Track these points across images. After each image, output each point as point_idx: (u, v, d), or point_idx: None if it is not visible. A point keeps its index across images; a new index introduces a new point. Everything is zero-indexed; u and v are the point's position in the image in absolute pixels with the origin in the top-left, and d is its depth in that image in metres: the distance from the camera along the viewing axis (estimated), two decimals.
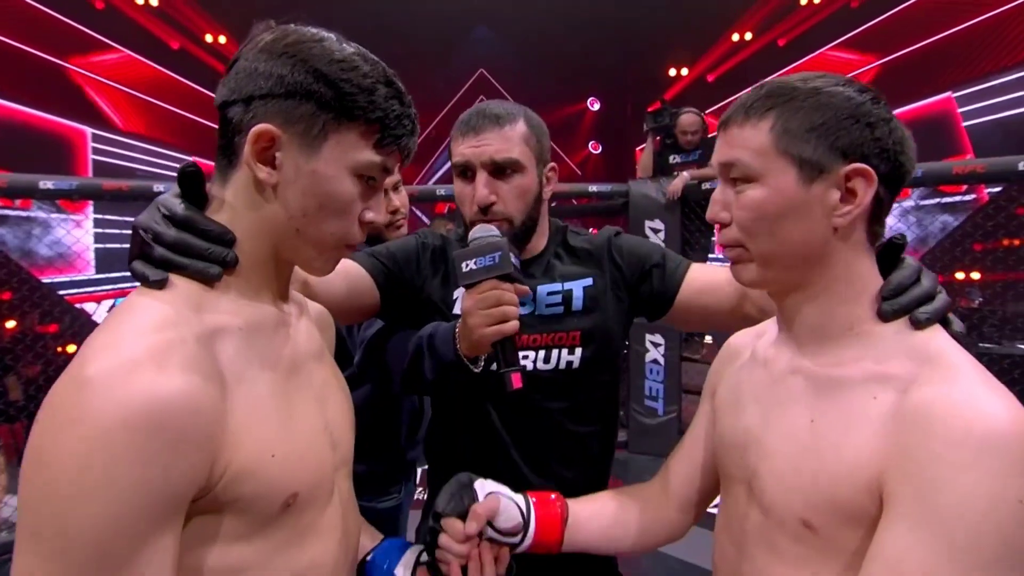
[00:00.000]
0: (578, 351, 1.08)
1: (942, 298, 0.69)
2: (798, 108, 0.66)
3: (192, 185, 0.68)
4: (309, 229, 0.67)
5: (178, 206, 0.66)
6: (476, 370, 0.99)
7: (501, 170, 1.05)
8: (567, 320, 1.09)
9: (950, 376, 0.60)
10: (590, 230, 1.23)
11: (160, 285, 0.62)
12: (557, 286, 1.10)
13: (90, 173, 6.45)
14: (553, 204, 3.44)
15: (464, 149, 1.05)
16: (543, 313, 1.09)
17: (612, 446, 1.19)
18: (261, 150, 0.64)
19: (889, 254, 0.72)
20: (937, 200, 4.95)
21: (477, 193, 1.04)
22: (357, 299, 1.07)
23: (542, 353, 1.07)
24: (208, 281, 0.64)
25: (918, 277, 0.69)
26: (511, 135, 1.05)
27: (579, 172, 10.37)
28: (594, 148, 10.35)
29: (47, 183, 2.84)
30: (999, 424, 0.54)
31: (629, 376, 3.97)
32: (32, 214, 5.33)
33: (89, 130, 6.36)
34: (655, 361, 3.93)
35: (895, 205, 0.77)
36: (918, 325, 0.66)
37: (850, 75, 0.71)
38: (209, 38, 7.35)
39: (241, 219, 0.67)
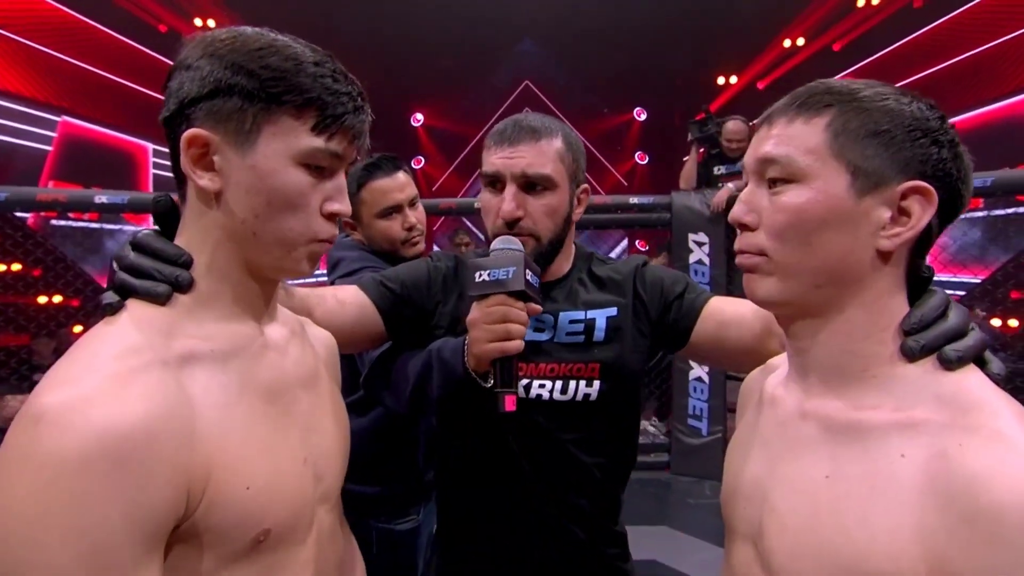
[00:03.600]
0: (596, 383, 1.03)
1: (976, 335, 0.59)
2: (861, 110, 0.59)
3: (168, 216, 0.67)
4: (265, 230, 0.63)
5: (141, 231, 0.65)
6: (486, 385, 0.95)
7: (532, 185, 1.01)
8: (588, 350, 1.03)
9: (996, 433, 0.51)
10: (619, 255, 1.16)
11: (113, 310, 0.61)
12: (580, 314, 1.05)
13: (151, 188, 6.78)
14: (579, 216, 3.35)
15: (495, 159, 1.01)
16: (563, 341, 1.04)
17: (627, 474, 1.13)
18: (197, 157, 0.61)
19: (915, 288, 0.63)
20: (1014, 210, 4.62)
21: (504, 206, 0.99)
22: (363, 328, 1.04)
23: (559, 383, 1.02)
24: (158, 302, 0.61)
25: (944, 311, 0.60)
26: (547, 150, 1.01)
27: (625, 183, 10.26)
28: (640, 159, 10.23)
29: (101, 198, 2.97)
30: None
31: (672, 395, 3.83)
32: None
33: (151, 145, 6.71)
34: (699, 379, 3.78)
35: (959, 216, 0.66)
36: (948, 365, 0.56)
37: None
38: None
39: (198, 234, 0.64)
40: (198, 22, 6.90)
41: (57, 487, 0.48)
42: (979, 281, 5.03)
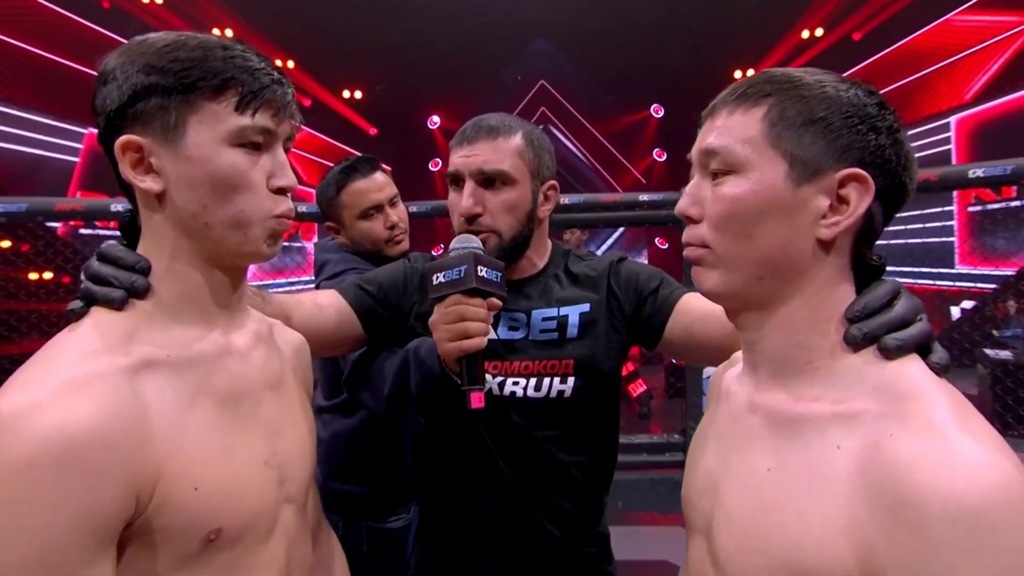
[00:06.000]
0: (571, 380, 1.03)
1: (921, 325, 0.58)
2: (799, 98, 0.58)
3: (134, 228, 0.69)
4: (217, 218, 0.64)
5: (108, 242, 0.68)
6: (460, 381, 0.95)
7: (490, 181, 1.02)
8: (561, 347, 1.04)
9: (926, 422, 0.50)
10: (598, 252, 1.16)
11: (76, 315, 0.63)
12: (553, 311, 1.05)
13: None
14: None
15: (455, 158, 1.04)
16: (537, 338, 1.04)
17: (609, 476, 1.12)
18: (135, 162, 0.63)
19: (868, 278, 0.62)
20: None
21: (462, 202, 1.01)
22: (342, 331, 1.06)
23: (533, 380, 1.02)
24: (114, 307, 0.63)
25: (890, 300, 0.59)
26: (504, 147, 1.03)
27: (643, 180, 10.18)
28: (658, 156, 10.14)
29: (117, 206, 3.05)
30: (992, 491, 0.46)
31: (687, 393, 3.78)
32: None
33: None
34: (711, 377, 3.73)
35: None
36: (887, 354, 0.56)
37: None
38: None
39: (154, 239, 0.66)
40: (216, 32, 7.03)
41: (5, 490, 0.50)
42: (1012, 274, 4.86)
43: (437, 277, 0.93)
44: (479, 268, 0.91)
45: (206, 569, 0.61)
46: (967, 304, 5.60)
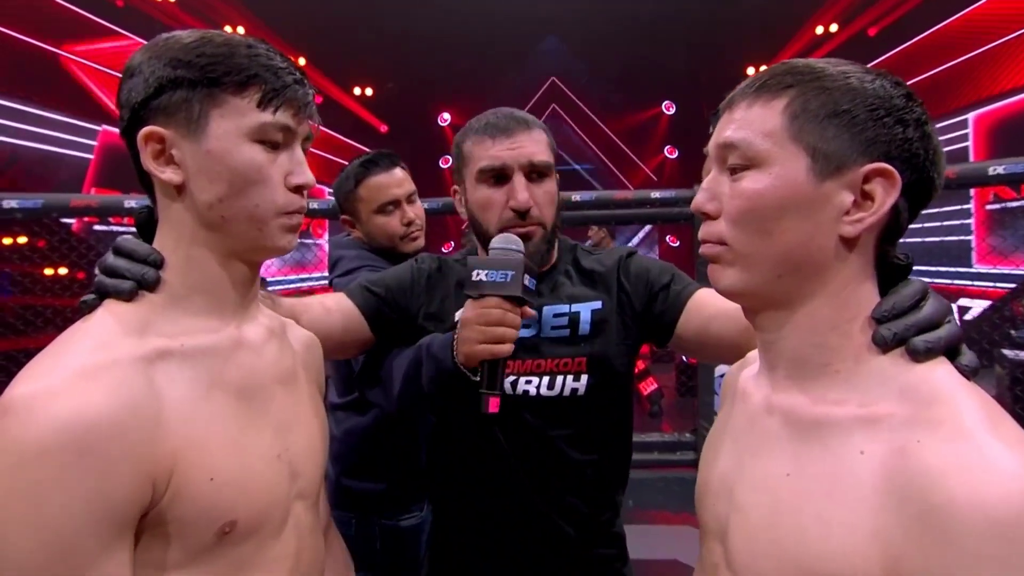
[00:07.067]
0: (584, 378, 1.02)
1: (950, 327, 0.56)
2: (821, 90, 0.56)
3: (150, 223, 0.70)
4: (233, 211, 0.65)
5: (123, 236, 0.69)
6: (475, 379, 0.95)
7: (537, 173, 1.02)
8: (574, 345, 1.03)
9: (957, 428, 0.48)
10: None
11: (88, 307, 0.64)
12: (564, 308, 1.04)
13: None
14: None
15: (499, 152, 1.01)
16: (548, 336, 1.03)
17: (623, 475, 1.11)
18: (156, 153, 0.64)
19: (892, 278, 0.60)
20: None
21: (519, 195, 0.99)
22: (350, 334, 1.06)
23: (546, 379, 1.01)
24: (123, 298, 0.64)
25: (918, 301, 0.57)
26: (540, 138, 1.03)
27: (655, 178, 10.12)
28: (670, 153, 10.07)
29: (130, 202, 3.07)
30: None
31: (699, 392, 3.76)
32: None
33: None
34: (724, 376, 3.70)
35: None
36: (916, 356, 0.54)
37: None
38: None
39: (171, 231, 0.66)
40: (228, 30, 7.03)
41: (17, 476, 0.50)
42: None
43: (478, 274, 0.91)
44: (525, 277, 0.91)
45: (219, 562, 0.61)
46: (964, 302, 5.52)
